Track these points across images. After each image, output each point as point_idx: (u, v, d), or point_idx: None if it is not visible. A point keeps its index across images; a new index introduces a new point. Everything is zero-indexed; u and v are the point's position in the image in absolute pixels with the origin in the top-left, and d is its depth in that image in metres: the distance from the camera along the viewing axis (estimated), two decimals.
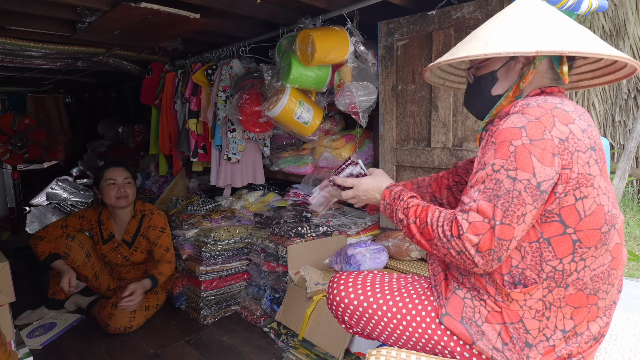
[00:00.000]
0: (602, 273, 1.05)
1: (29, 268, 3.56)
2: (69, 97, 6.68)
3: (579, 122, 1.02)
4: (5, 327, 1.74)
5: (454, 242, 1.00)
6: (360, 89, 2.27)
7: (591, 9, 1.80)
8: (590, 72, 1.25)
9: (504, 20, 1.10)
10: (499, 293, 1.08)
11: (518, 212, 0.96)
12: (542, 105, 1.01)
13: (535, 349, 1.05)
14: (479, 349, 1.09)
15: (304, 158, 2.90)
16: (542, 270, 1.03)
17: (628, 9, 4.71)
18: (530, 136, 0.98)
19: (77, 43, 2.91)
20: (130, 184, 2.65)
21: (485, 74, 1.19)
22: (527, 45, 1.00)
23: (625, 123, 4.94)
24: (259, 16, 2.40)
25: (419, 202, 1.14)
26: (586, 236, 1.01)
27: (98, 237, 2.68)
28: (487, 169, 1.01)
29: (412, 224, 1.11)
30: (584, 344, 1.06)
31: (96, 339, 2.40)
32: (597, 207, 1.01)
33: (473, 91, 1.24)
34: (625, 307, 1.71)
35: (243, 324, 2.55)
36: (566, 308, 1.04)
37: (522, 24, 1.06)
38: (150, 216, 2.70)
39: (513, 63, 1.14)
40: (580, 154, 0.99)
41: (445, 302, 1.17)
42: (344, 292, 1.37)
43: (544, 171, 0.96)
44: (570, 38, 1.02)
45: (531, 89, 1.13)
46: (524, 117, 1.00)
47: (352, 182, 1.34)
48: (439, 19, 2.10)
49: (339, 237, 2.46)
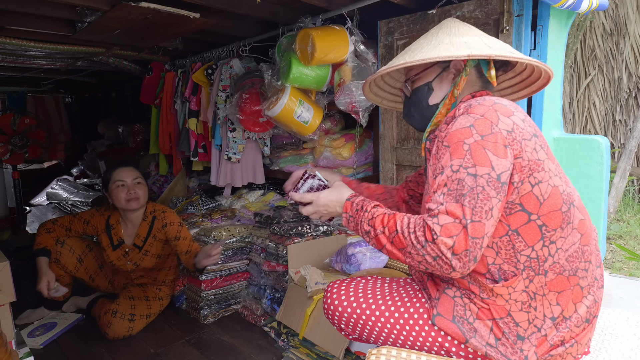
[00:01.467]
0: (576, 252, 1.08)
1: (29, 268, 3.56)
2: (69, 96, 6.68)
3: (518, 113, 1.09)
4: (5, 326, 1.74)
5: (429, 248, 0.98)
6: (360, 89, 2.27)
7: (591, 8, 1.80)
8: (509, 88, 1.36)
9: (435, 34, 1.23)
10: (483, 290, 1.09)
11: (485, 207, 0.98)
12: (483, 103, 1.08)
13: (528, 341, 1.06)
14: (473, 346, 1.09)
15: (304, 157, 2.90)
16: (518, 262, 1.05)
17: (629, 7, 4.70)
18: (480, 132, 1.02)
19: (77, 43, 2.91)
20: (140, 184, 2.50)
21: (421, 85, 1.25)
22: (459, 51, 1.11)
23: (626, 122, 4.94)
24: (258, 15, 2.40)
25: (385, 211, 1.11)
26: (549, 219, 1.05)
27: (106, 242, 2.54)
28: (447, 172, 1.02)
29: (381, 234, 1.07)
30: (575, 327, 1.07)
31: (97, 339, 2.40)
32: (553, 188, 1.06)
33: (411, 103, 1.30)
34: (626, 306, 1.71)
35: (243, 323, 2.55)
36: (550, 294, 1.06)
37: (451, 36, 1.19)
38: (162, 215, 2.57)
39: (445, 73, 1.22)
40: (526, 141, 1.04)
41: (436, 302, 1.18)
42: (337, 301, 1.37)
43: (501, 163, 1.00)
44: (495, 46, 1.14)
45: (464, 95, 1.21)
46: (470, 117, 1.05)
47: (310, 197, 1.28)
48: (439, 18, 2.10)
49: (339, 237, 2.46)
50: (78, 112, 6.86)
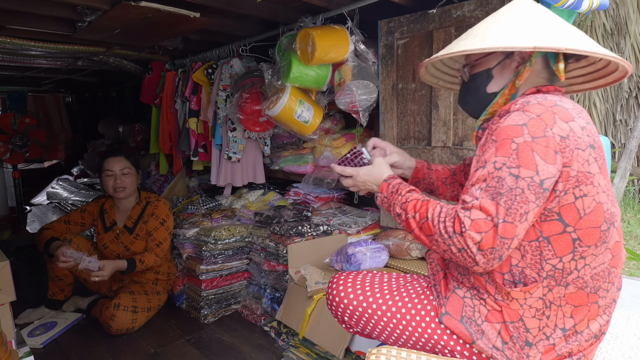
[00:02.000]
0: (603, 271, 1.05)
1: (29, 267, 3.57)
2: (69, 96, 6.68)
3: (579, 119, 1.01)
4: (6, 326, 1.74)
5: (455, 239, 0.99)
6: (361, 88, 2.26)
7: (592, 8, 1.79)
8: (580, 77, 1.25)
9: (501, 19, 1.10)
10: (498, 292, 1.08)
11: (521, 210, 0.95)
12: (542, 103, 1.01)
13: (535, 348, 1.05)
14: (479, 348, 1.08)
15: (304, 157, 2.90)
16: (542, 269, 1.02)
17: (629, 7, 4.70)
18: (532, 133, 0.97)
19: (77, 42, 2.91)
20: (128, 175, 2.60)
21: (481, 71, 1.19)
22: (524, 41, 1.00)
23: (626, 122, 4.94)
24: (259, 15, 2.40)
25: (419, 197, 1.13)
26: (586, 234, 1.01)
27: (100, 227, 2.66)
28: (489, 167, 1.00)
29: (411, 219, 1.10)
30: (584, 342, 1.06)
31: (97, 338, 2.40)
32: (597, 205, 1.01)
33: (468, 89, 1.24)
34: (626, 306, 1.71)
35: (243, 323, 2.55)
36: (566, 307, 1.04)
37: (518, 22, 1.06)
38: (155, 203, 2.67)
39: (508, 61, 1.14)
40: (580, 151, 0.98)
41: (445, 301, 1.17)
42: (343, 292, 1.36)
43: (547, 169, 0.95)
44: (567, 36, 1.03)
45: (527, 87, 1.13)
46: (525, 115, 1.00)
47: (350, 171, 1.33)
48: (439, 18, 2.10)
49: (339, 236, 2.46)
50: (78, 112, 6.86)
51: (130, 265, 2.47)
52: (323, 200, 2.78)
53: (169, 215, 2.67)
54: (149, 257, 2.55)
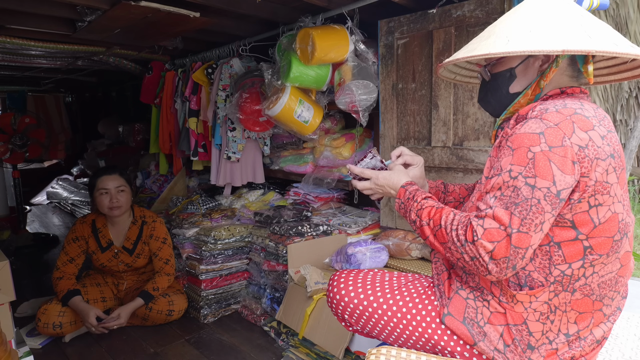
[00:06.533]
0: (610, 280, 1.04)
1: (29, 267, 3.57)
2: (69, 96, 6.68)
3: (599, 128, 0.98)
4: (5, 325, 1.74)
5: (467, 248, 0.97)
6: (361, 88, 2.26)
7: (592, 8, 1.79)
8: (606, 69, 1.20)
9: (524, 15, 1.05)
10: (503, 294, 1.07)
11: (536, 221, 0.93)
12: (561, 111, 0.98)
13: (537, 352, 1.04)
14: (481, 349, 1.08)
15: (304, 157, 2.89)
16: (550, 274, 1.02)
17: (630, 7, 4.69)
18: (550, 143, 0.94)
19: (77, 42, 2.91)
20: (123, 192, 2.52)
21: (503, 71, 1.15)
22: (552, 43, 0.95)
23: (627, 122, 4.93)
24: (259, 15, 2.40)
25: (434, 204, 1.12)
26: (598, 243, 0.99)
27: (94, 246, 2.55)
28: (504, 175, 0.97)
29: (426, 226, 1.09)
30: (587, 347, 1.06)
31: (96, 338, 2.40)
32: (612, 215, 0.99)
33: (489, 88, 1.20)
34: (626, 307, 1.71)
35: (243, 323, 2.55)
36: (571, 313, 1.04)
37: (543, 20, 1.01)
38: (152, 224, 2.61)
39: (532, 60, 1.10)
40: (599, 161, 0.96)
41: (448, 302, 1.16)
42: (344, 290, 1.36)
43: (564, 179, 0.93)
44: (597, 36, 0.97)
45: (551, 87, 1.10)
46: (542, 123, 0.97)
47: (370, 173, 1.32)
48: (439, 18, 2.10)
49: (339, 236, 2.46)
50: (78, 112, 6.87)
51: (146, 300, 2.44)
52: (323, 200, 2.78)
53: (167, 233, 2.66)
54: (162, 281, 2.52)
